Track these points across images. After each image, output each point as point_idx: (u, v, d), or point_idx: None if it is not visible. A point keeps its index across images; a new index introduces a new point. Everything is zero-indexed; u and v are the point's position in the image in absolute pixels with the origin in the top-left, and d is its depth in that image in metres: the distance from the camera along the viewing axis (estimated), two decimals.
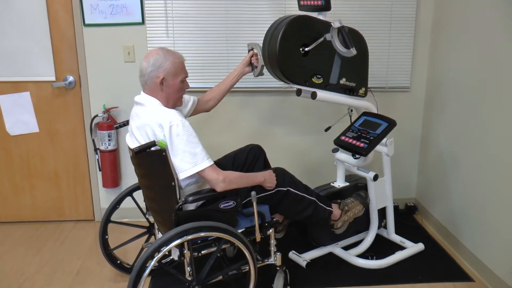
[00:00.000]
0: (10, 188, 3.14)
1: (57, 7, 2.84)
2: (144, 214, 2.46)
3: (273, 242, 2.17)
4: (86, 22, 2.87)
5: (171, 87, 2.02)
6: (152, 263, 1.81)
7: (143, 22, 2.89)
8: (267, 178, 2.09)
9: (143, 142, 1.93)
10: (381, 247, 2.71)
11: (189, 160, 1.88)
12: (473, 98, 2.54)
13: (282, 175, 2.17)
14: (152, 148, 1.88)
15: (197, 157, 1.89)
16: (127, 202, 2.44)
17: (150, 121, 1.93)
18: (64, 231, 3.08)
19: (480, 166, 2.48)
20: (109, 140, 2.97)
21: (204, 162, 1.90)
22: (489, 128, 2.39)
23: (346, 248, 2.68)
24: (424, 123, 3.18)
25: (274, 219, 2.17)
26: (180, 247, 1.90)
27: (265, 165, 2.46)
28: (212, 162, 1.93)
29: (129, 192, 2.44)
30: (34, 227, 3.14)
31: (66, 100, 3.00)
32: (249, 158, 2.43)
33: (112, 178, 3.06)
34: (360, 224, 2.72)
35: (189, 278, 1.94)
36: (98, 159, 3.04)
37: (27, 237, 2.99)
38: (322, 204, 2.28)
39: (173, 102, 2.07)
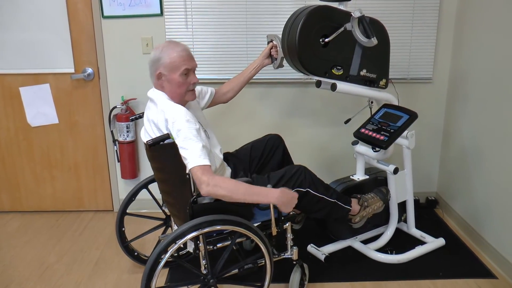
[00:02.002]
0: (32, 178, 3.19)
1: (76, 0, 2.85)
2: (160, 206, 2.47)
3: (289, 236, 2.15)
4: (105, 14, 2.87)
5: (171, 82, 1.98)
6: (167, 256, 1.81)
7: (161, 14, 2.88)
8: (284, 201, 1.90)
9: (153, 136, 1.93)
10: (400, 241, 2.67)
11: (187, 157, 1.81)
12: (498, 90, 2.47)
13: (303, 175, 2.11)
14: (166, 141, 1.87)
15: (194, 154, 1.80)
16: (145, 193, 2.44)
17: (157, 116, 1.92)
18: (83, 221, 3.12)
19: (504, 160, 2.41)
20: (127, 131, 2.98)
21: (195, 161, 1.79)
22: None
23: (365, 242, 2.65)
24: (446, 116, 3.11)
25: (291, 213, 2.14)
26: (195, 240, 1.89)
27: (284, 156, 2.43)
28: (205, 163, 1.79)
29: (145, 185, 2.44)
30: (55, 216, 3.19)
31: (85, 92, 3.02)
32: (267, 148, 2.40)
33: (130, 169, 3.08)
34: (380, 218, 2.69)
35: (204, 272, 1.94)
36: (116, 150, 3.06)
37: (47, 227, 3.03)
38: (341, 203, 2.24)
39: (178, 97, 2.01)
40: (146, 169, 3.15)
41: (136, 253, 2.47)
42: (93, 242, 2.82)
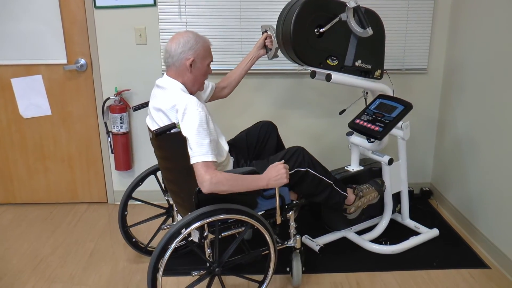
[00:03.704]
0: (25, 170, 3.16)
1: None
2: (165, 195, 2.47)
3: (292, 224, 2.16)
4: (97, 4, 2.83)
5: (199, 70, 2.01)
6: (180, 237, 1.82)
7: (155, 4, 2.84)
8: (271, 179, 1.91)
9: (161, 125, 1.92)
10: (395, 232, 2.68)
11: (193, 149, 1.81)
12: (492, 81, 2.47)
13: (301, 155, 2.13)
14: (173, 130, 1.87)
15: (201, 148, 1.79)
16: (145, 185, 2.44)
17: (168, 104, 1.90)
18: (77, 213, 3.11)
19: (498, 151, 2.42)
20: (121, 123, 2.96)
21: (201, 156, 1.78)
22: (508, 112, 2.33)
23: (360, 233, 2.66)
24: (441, 106, 3.11)
25: (294, 202, 2.15)
26: (201, 229, 1.89)
27: (278, 142, 2.44)
28: (209, 160, 1.79)
29: (153, 171, 2.43)
30: (48, 209, 3.17)
31: (78, 83, 2.99)
32: (261, 134, 2.41)
33: (124, 161, 3.07)
34: (374, 209, 2.69)
35: (210, 260, 1.96)
36: (110, 142, 3.04)
37: (41, 219, 3.02)
38: (338, 188, 2.26)
39: (198, 86, 2.06)
40: (141, 161, 3.14)
41: (134, 240, 2.48)
42: (88, 234, 2.81)
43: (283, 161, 1.99)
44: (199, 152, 1.79)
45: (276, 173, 1.91)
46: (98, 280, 2.35)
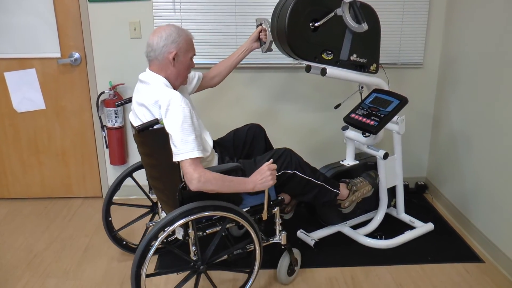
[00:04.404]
0: (19, 165, 3.15)
1: None
2: (146, 194, 2.45)
3: (278, 221, 2.15)
4: None
5: (182, 64, 1.99)
6: (157, 242, 1.80)
7: None
8: (257, 183, 1.91)
9: (144, 121, 1.90)
10: (390, 226, 2.69)
11: (178, 146, 1.79)
12: (488, 76, 2.46)
13: (289, 157, 2.13)
14: (155, 126, 1.84)
15: (187, 145, 1.77)
16: (130, 180, 2.42)
17: (150, 100, 1.88)
18: (72, 208, 3.10)
19: (493, 145, 2.42)
20: (115, 117, 2.94)
21: (188, 153, 1.77)
22: (503, 108, 2.33)
23: (355, 227, 2.66)
24: (436, 101, 3.11)
25: (280, 198, 2.14)
26: (185, 226, 1.88)
27: (266, 145, 2.43)
28: (198, 155, 1.78)
29: (129, 173, 2.40)
30: (43, 203, 3.16)
31: (72, 77, 2.97)
32: (248, 137, 2.39)
33: (119, 155, 3.05)
34: (369, 203, 2.69)
35: (194, 258, 1.94)
36: (105, 136, 3.02)
37: (36, 214, 3.01)
38: (328, 186, 2.25)
39: (181, 80, 2.04)
40: (135, 155, 3.13)
41: (124, 242, 2.46)
42: (82, 229, 2.80)
43: (271, 160, 1.98)
44: (185, 149, 1.77)
45: (261, 177, 1.92)
46: (93, 275, 2.34)
